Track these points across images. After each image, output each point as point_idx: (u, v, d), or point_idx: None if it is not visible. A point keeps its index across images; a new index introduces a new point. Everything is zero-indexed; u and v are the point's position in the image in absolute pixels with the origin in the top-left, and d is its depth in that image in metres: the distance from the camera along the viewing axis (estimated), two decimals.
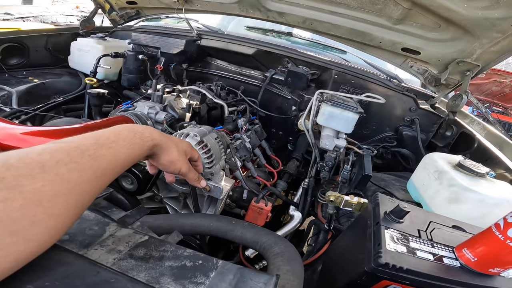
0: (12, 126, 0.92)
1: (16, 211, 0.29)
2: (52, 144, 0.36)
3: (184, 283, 0.34)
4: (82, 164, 0.36)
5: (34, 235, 0.31)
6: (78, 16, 6.81)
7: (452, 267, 0.49)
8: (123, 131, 0.45)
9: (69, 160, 0.35)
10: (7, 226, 0.28)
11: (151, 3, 1.83)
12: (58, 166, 0.34)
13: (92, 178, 0.37)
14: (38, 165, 0.32)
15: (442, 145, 1.48)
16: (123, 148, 0.43)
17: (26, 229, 0.30)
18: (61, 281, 0.31)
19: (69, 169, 0.34)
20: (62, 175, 0.34)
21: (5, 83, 1.50)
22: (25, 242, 0.30)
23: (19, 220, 0.29)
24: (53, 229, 0.33)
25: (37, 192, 0.31)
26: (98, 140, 0.40)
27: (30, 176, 0.31)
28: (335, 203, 0.78)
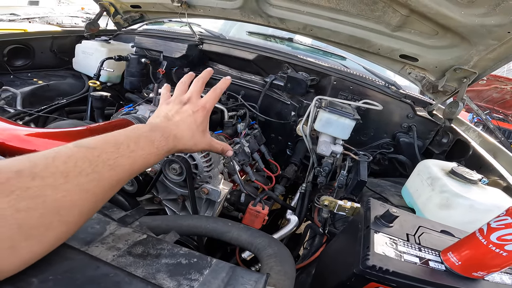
0: (16, 127, 0.95)
1: (36, 219, 0.31)
2: (76, 149, 0.37)
3: (179, 279, 0.36)
4: (101, 175, 0.37)
5: (47, 239, 0.33)
6: (83, 18, 6.88)
7: (437, 271, 0.51)
8: (143, 139, 0.46)
9: (91, 170, 0.36)
10: (25, 232, 0.31)
11: (155, 7, 1.87)
12: (80, 176, 0.35)
13: (108, 187, 0.39)
14: (62, 175, 0.34)
15: (439, 152, 1.50)
16: (140, 158, 0.44)
17: (41, 234, 0.32)
18: (63, 275, 0.33)
19: (89, 179, 0.36)
20: (82, 185, 0.35)
21: (10, 84, 1.53)
22: (38, 245, 0.32)
23: (37, 227, 0.31)
24: (64, 233, 0.35)
25: (58, 202, 0.33)
26: (119, 148, 0.41)
27: (53, 187, 0.33)
28: (329, 208, 0.80)
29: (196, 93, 0.62)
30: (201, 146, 0.60)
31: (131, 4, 1.91)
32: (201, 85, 0.64)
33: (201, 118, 0.59)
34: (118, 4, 1.94)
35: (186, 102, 0.60)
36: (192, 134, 0.57)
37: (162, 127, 0.53)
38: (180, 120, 0.57)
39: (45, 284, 0.33)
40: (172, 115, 0.57)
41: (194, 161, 0.99)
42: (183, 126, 0.56)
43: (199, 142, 0.59)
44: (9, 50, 1.69)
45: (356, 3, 1.19)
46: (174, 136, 0.53)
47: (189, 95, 0.61)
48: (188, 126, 0.57)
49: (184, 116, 0.57)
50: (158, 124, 0.55)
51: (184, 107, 0.59)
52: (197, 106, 0.60)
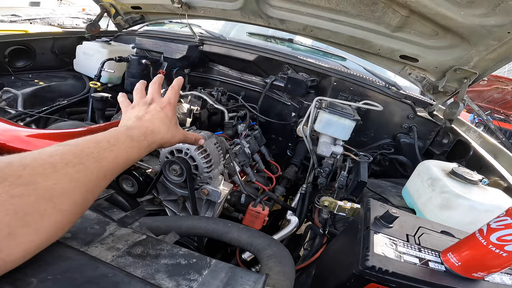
0: (17, 128, 0.95)
1: (30, 205, 0.33)
2: (60, 147, 0.39)
3: (178, 280, 0.36)
4: (87, 166, 0.40)
5: (43, 227, 0.34)
6: (84, 19, 6.88)
7: (437, 271, 0.51)
8: (122, 135, 0.49)
9: (77, 161, 0.39)
10: (21, 218, 0.32)
11: (155, 8, 1.88)
12: (68, 167, 0.37)
13: (96, 178, 0.41)
14: (50, 165, 0.36)
15: (439, 152, 1.50)
16: (123, 151, 0.47)
17: (37, 222, 0.33)
18: (62, 275, 0.34)
19: (76, 170, 0.38)
20: (70, 175, 0.37)
21: (11, 85, 1.53)
22: (35, 234, 0.33)
23: (32, 213, 0.33)
24: (60, 223, 0.36)
25: (49, 189, 0.34)
26: (99, 143, 0.44)
27: (43, 175, 0.35)
28: (329, 208, 0.80)
29: (156, 93, 0.66)
30: (178, 138, 0.65)
31: (132, 5, 1.92)
32: (158, 87, 0.68)
33: (170, 112, 0.64)
34: (118, 5, 1.95)
35: (150, 102, 0.63)
36: (167, 127, 0.61)
37: (137, 126, 0.56)
38: (152, 117, 0.60)
39: (44, 284, 0.33)
40: (142, 115, 0.60)
41: (194, 162, 0.99)
42: (157, 122, 0.60)
43: (175, 134, 0.63)
44: (10, 51, 1.70)
45: (356, 4, 1.19)
46: (152, 131, 0.57)
47: (151, 96, 0.65)
48: (162, 121, 0.60)
49: (154, 113, 0.61)
50: (132, 124, 0.57)
51: (150, 107, 0.62)
52: (163, 103, 0.64)
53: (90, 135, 0.44)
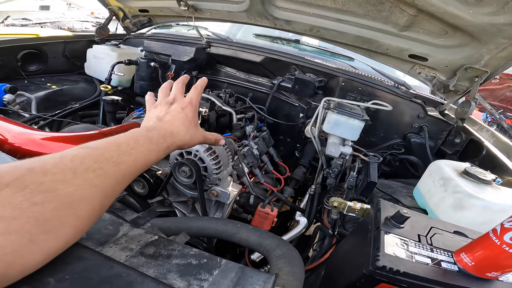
0: (32, 131, 0.98)
1: (50, 212, 0.33)
2: (81, 150, 0.39)
3: (189, 279, 0.37)
4: (107, 170, 0.40)
5: (63, 234, 0.35)
6: (93, 22, 7.01)
7: (450, 271, 0.51)
8: (141, 138, 0.49)
9: (97, 166, 0.39)
10: (43, 225, 0.32)
11: (162, 11, 1.90)
12: (88, 172, 0.37)
13: (114, 183, 0.41)
14: (70, 171, 0.36)
15: (451, 152, 1.48)
16: (142, 154, 0.47)
17: (57, 228, 0.34)
18: (79, 275, 0.35)
19: (96, 175, 0.38)
20: (90, 180, 0.37)
21: (25, 89, 1.56)
22: (56, 240, 0.34)
23: (52, 220, 0.33)
24: (78, 228, 0.37)
25: (69, 195, 0.35)
26: (120, 146, 0.44)
27: (64, 181, 0.35)
28: (338, 209, 0.80)
29: (179, 93, 0.66)
30: (197, 139, 0.64)
31: (139, 8, 1.95)
32: (181, 86, 0.68)
33: (191, 113, 0.63)
34: (126, 8, 1.98)
35: (172, 102, 0.63)
36: (186, 129, 0.61)
37: (157, 127, 0.56)
38: (172, 118, 0.60)
39: (61, 284, 0.34)
40: (163, 116, 0.60)
41: (203, 164, 1.00)
42: (176, 123, 0.60)
43: (194, 136, 0.63)
44: (23, 55, 1.73)
45: (363, 3, 1.18)
46: (171, 133, 0.57)
47: (173, 95, 0.65)
48: (181, 122, 0.60)
49: (174, 114, 0.61)
50: (152, 125, 0.58)
51: (172, 107, 0.62)
52: (184, 103, 0.64)
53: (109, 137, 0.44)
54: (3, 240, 0.30)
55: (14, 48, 1.70)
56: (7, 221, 0.30)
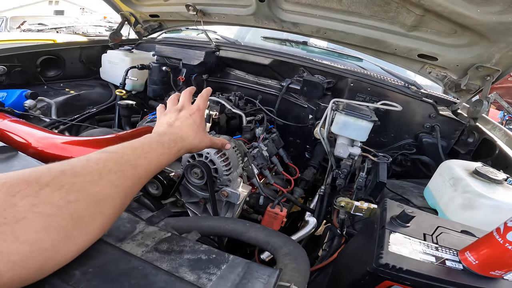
0: (53, 136, 1.04)
1: (83, 210, 0.37)
2: (103, 154, 0.44)
3: (199, 273, 0.40)
4: (126, 172, 0.44)
5: (92, 229, 0.39)
6: (106, 27, 7.18)
7: (454, 270, 0.51)
8: (154, 143, 0.54)
9: (117, 169, 0.43)
10: (76, 222, 0.36)
11: (172, 16, 1.96)
12: (110, 174, 0.42)
13: (132, 184, 0.45)
14: (97, 173, 0.40)
15: (464, 152, 1.46)
16: (155, 158, 0.51)
17: (88, 225, 0.38)
18: (101, 268, 0.38)
19: (117, 176, 0.42)
20: (113, 181, 0.42)
21: (44, 95, 1.62)
22: (86, 235, 0.38)
23: (84, 217, 0.37)
24: (104, 225, 0.41)
25: (97, 195, 0.39)
26: (135, 151, 0.48)
27: (92, 182, 0.39)
28: (345, 209, 0.81)
29: (187, 101, 0.71)
30: (205, 143, 0.69)
31: (150, 13, 2.01)
32: (189, 95, 0.73)
33: (199, 119, 0.68)
34: (137, 14, 2.05)
35: (181, 109, 0.68)
36: (195, 133, 0.65)
37: (168, 132, 0.61)
38: (181, 124, 0.65)
39: (85, 276, 0.37)
40: (173, 122, 0.65)
41: (214, 165, 1.03)
42: (186, 128, 0.64)
43: (202, 140, 0.68)
44: (41, 61, 1.80)
45: (368, 4, 1.19)
46: (181, 137, 0.61)
47: (182, 103, 0.70)
48: (190, 127, 0.65)
49: (183, 120, 0.66)
50: (164, 131, 0.63)
51: (181, 113, 0.67)
52: (192, 109, 0.69)
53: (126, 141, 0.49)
54: (44, 236, 0.33)
55: (33, 54, 1.76)
56: (48, 218, 0.34)
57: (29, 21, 6.34)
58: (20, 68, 1.68)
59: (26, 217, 0.32)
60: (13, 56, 1.66)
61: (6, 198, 0.32)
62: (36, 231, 0.33)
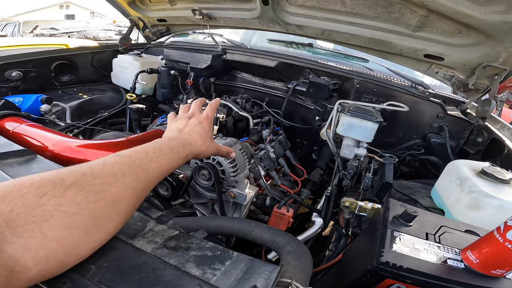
0: (68, 139, 1.09)
1: (101, 209, 0.40)
2: (118, 158, 0.47)
3: (204, 268, 0.42)
4: (139, 175, 0.47)
5: (109, 228, 0.42)
6: (116, 31, 7.33)
7: (456, 268, 0.52)
8: (164, 147, 0.57)
9: (131, 172, 0.46)
10: (95, 220, 0.39)
11: (179, 20, 2.00)
12: (125, 177, 0.45)
13: (144, 186, 0.48)
14: (113, 176, 0.44)
15: (474, 152, 1.44)
16: (165, 162, 0.55)
17: (105, 223, 0.41)
18: (114, 262, 0.41)
19: (131, 179, 0.46)
20: (127, 183, 0.45)
21: (59, 99, 1.67)
22: (104, 233, 0.41)
23: (102, 217, 0.40)
24: (118, 224, 0.44)
25: (113, 196, 0.42)
26: (147, 155, 0.52)
27: (109, 184, 0.42)
28: (350, 209, 0.83)
29: (197, 109, 0.75)
30: (211, 150, 0.74)
31: (158, 18, 2.06)
32: (199, 104, 0.77)
33: (207, 126, 0.72)
34: (146, 18, 2.10)
35: (191, 116, 0.73)
36: (203, 140, 0.69)
37: (177, 138, 0.64)
38: (190, 130, 0.68)
39: (100, 270, 0.40)
40: (182, 128, 0.69)
41: (221, 167, 1.06)
42: (194, 134, 0.68)
43: (210, 147, 0.72)
44: (55, 66, 1.86)
45: (372, 6, 1.19)
46: (189, 143, 0.65)
47: (192, 111, 0.74)
48: (198, 134, 0.69)
49: (192, 127, 0.69)
50: (174, 136, 0.66)
51: (190, 120, 0.71)
52: (201, 118, 0.73)
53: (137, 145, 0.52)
54: (68, 233, 0.37)
55: (47, 59, 1.82)
56: (72, 217, 0.37)
57: (41, 25, 6.53)
58: (35, 73, 1.74)
59: (53, 215, 0.36)
60: (28, 61, 1.72)
61: (35, 198, 0.35)
62: (61, 229, 0.36)
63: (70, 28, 6.71)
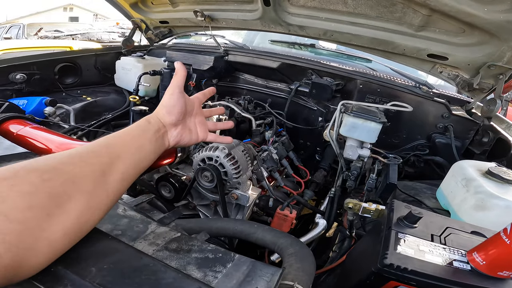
0: (72, 142, 1.09)
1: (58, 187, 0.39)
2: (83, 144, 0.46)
3: (205, 271, 0.42)
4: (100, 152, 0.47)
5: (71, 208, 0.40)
6: (119, 33, 7.36)
7: (462, 270, 0.51)
8: (132, 126, 0.57)
9: (90, 150, 0.46)
10: (54, 200, 0.38)
11: (181, 22, 2.00)
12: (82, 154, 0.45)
13: (108, 161, 0.47)
14: (68, 155, 0.43)
15: (479, 152, 1.42)
16: (129, 137, 0.54)
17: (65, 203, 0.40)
18: (115, 264, 0.41)
19: (90, 156, 0.45)
20: (85, 160, 0.44)
21: (63, 102, 1.67)
22: (67, 214, 0.39)
23: (61, 195, 0.39)
24: (84, 203, 0.42)
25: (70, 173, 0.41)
26: (111, 135, 0.52)
27: (64, 163, 0.42)
28: (353, 210, 0.82)
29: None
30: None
31: (160, 20, 2.06)
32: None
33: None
34: (148, 20, 2.10)
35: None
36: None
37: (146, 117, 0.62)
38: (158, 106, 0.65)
39: (101, 272, 0.40)
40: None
41: (224, 169, 1.06)
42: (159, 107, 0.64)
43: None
44: (59, 68, 1.86)
45: (374, 6, 1.19)
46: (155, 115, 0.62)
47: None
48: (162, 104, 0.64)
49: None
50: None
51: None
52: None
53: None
54: (29, 214, 0.35)
55: (51, 62, 1.82)
56: (28, 196, 0.36)
57: (46, 28, 6.58)
58: (39, 76, 1.74)
59: (9, 196, 0.35)
60: (32, 64, 1.73)
61: None
62: (21, 210, 0.35)
63: (74, 30, 6.76)
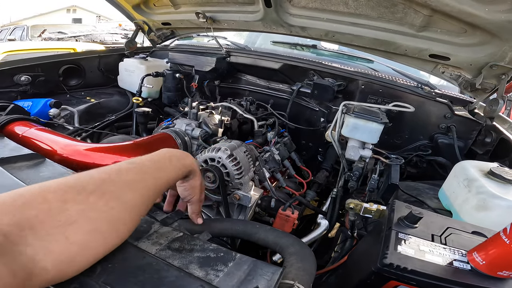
0: (77, 143, 1.11)
1: (118, 215, 0.43)
2: (131, 166, 0.49)
3: (207, 270, 0.43)
4: (148, 183, 0.49)
5: (122, 232, 0.44)
6: (122, 34, 7.40)
7: (462, 270, 0.52)
8: (173, 158, 0.59)
9: (142, 179, 0.48)
10: (113, 225, 0.42)
11: (183, 23, 2.02)
12: (137, 183, 0.47)
13: (152, 194, 0.50)
14: (128, 183, 0.46)
15: (482, 152, 1.42)
16: (172, 172, 0.57)
17: (120, 228, 0.43)
18: (119, 263, 0.42)
19: (142, 186, 0.48)
20: (139, 191, 0.47)
21: (67, 103, 1.69)
22: (118, 238, 0.43)
23: (118, 221, 0.43)
24: (130, 229, 0.45)
25: (128, 202, 0.44)
26: (157, 164, 0.54)
27: (125, 191, 0.44)
28: (355, 210, 0.82)
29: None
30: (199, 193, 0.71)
31: (162, 21, 2.08)
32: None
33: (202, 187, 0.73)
34: (150, 22, 2.12)
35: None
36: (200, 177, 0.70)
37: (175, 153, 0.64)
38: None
39: (105, 271, 0.41)
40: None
41: (226, 169, 1.07)
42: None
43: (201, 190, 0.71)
44: (63, 70, 1.88)
45: (375, 6, 1.19)
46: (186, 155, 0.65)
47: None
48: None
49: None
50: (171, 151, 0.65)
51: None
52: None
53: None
54: (88, 238, 0.38)
55: (55, 64, 1.85)
56: (93, 222, 0.39)
57: (49, 29, 6.63)
58: (44, 78, 1.76)
59: (77, 220, 0.37)
60: (36, 65, 1.75)
61: (60, 204, 0.37)
62: (84, 234, 0.38)
63: (77, 32, 6.81)
